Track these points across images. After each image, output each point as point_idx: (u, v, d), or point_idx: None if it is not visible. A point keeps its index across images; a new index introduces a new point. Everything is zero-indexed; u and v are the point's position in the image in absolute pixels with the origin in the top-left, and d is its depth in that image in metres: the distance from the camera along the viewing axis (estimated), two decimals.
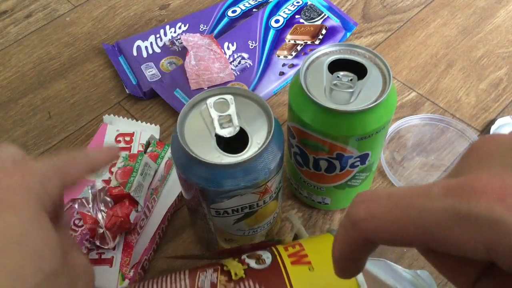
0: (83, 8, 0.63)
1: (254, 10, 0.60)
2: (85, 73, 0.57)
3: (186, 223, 0.44)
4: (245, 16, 0.59)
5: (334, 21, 0.58)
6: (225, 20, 0.59)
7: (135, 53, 0.56)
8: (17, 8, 0.64)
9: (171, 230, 0.44)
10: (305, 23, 0.58)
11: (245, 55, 0.55)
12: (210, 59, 0.53)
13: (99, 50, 0.59)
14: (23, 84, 0.56)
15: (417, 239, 0.17)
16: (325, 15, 0.59)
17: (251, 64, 0.54)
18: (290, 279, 0.29)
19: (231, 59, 0.54)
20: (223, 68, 0.53)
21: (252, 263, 0.31)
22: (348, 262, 0.20)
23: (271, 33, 0.57)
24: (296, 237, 0.39)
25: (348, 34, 0.58)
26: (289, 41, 0.56)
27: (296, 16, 0.58)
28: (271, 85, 0.53)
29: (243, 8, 0.60)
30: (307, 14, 0.58)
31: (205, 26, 0.58)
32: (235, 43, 0.55)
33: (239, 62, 0.54)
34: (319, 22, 0.58)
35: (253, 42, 0.55)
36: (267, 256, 0.32)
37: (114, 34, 0.60)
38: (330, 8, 0.60)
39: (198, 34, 0.56)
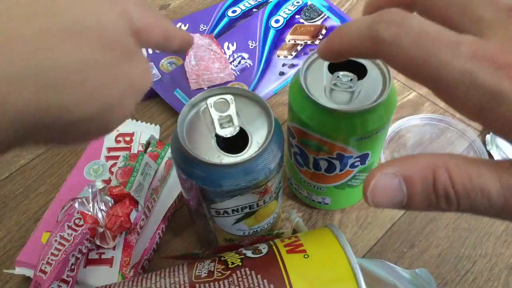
0: None
1: (254, 10, 0.60)
2: None
3: (186, 223, 0.44)
4: (245, 16, 0.59)
5: (334, 21, 0.58)
6: (225, 20, 0.59)
7: None
8: None
9: (171, 230, 0.44)
10: (305, 23, 0.58)
11: (245, 55, 0.55)
12: (210, 59, 0.53)
13: None
14: None
15: (426, 84, 0.19)
16: (325, 15, 0.59)
17: (251, 64, 0.54)
18: (286, 266, 0.29)
19: (231, 59, 0.54)
20: (223, 68, 0.53)
21: (249, 253, 0.31)
22: (336, 55, 0.23)
23: (271, 33, 0.57)
24: (295, 232, 0.39)
25: None
26: (289, 41, 0.56)
27: (296, 16, 0.58)
28: (271, 85, 0.53)
29: (243, 8, 0.60)
30: (307, 14, 0.58)
31: (205, 26, 0.58)
32: (235, 43, 0.55)
33: (239, 62, 0.54)
34: (319, 22, 0.58)
35: (253, 42, 0.56)
36: (263, 247, 0.32)
37: None
38: (330, 8, 0.60)
39: (198, 34, 0.56)
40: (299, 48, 0.56)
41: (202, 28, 0.58)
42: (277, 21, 0.58)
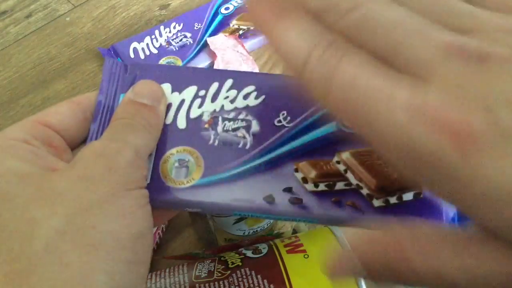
0: (83, 8, 0.63)
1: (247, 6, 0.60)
2: (85, 73, 0.57)
3: (186, 223, 0.44)
4: (238, 12, 0.60)
5: None
6: (219, 17, 0.59)
7: (132, 55, 0.56)
8: (17, 8, 0.64)
9: (171, 230, 0.44)
10: None
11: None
12: (237, 61, 0.54)
13: (98, 50, 0.59)
14: (23, 84, 0.56)
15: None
16: None
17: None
18: (286, 266, 0.29)
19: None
20: (251, 70, 0.53)
21: (249, 253, 0.31)
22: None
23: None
24: (295, 232, 0.39)
25: None
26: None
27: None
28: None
29: (236, 4, 0.60)
30: None
31: (199, 24, 0.59)
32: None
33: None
34: None
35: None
36: (263, 247, 0.32)
37: (114, 34, 0.60)
38: None
39: (221, 35, 0.56)
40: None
41: (196, 27, 0.58)
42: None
